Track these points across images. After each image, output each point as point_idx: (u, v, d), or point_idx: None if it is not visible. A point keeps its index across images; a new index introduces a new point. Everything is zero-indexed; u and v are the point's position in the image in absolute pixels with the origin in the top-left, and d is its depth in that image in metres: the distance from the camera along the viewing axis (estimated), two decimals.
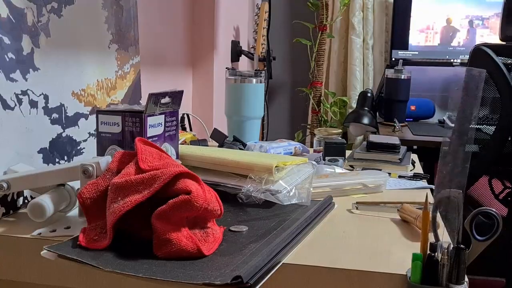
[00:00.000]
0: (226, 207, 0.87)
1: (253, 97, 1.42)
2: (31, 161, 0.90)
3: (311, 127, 2.74)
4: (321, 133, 1.38)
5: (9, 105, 0.86)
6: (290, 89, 3.02)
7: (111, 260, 0.67)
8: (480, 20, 2.46)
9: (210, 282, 0.60)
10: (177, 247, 0.67)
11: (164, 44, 1.87)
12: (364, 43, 2.65)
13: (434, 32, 2.52)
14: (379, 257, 0.69)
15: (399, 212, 0.86)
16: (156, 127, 0.91)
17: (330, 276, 0.66)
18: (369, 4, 2.63)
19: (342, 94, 2.72)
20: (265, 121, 2.53)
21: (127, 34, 1.24)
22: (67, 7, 1.01)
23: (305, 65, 2.79)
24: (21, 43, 0.89)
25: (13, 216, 0.85)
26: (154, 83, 1.74)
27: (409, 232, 0.80)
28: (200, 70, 2.14)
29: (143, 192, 0.70)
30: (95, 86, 1.10)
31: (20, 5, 0.89)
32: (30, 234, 0.75)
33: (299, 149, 1.34)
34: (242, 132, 1.42)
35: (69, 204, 0.84)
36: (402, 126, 2.24)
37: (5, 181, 0.81)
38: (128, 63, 1.24)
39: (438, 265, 0.60)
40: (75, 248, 0.70)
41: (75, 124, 1.03)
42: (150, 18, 1.72)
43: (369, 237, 0.77)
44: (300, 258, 0.68)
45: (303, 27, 2.66)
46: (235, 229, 0.78)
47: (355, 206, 0.91)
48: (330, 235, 0.78)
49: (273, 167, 0.89)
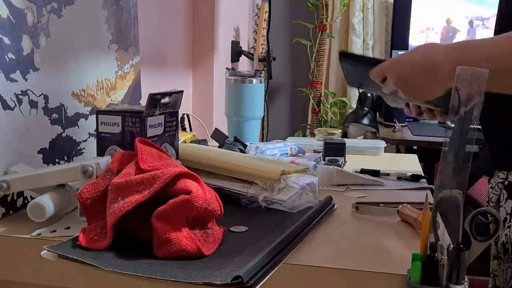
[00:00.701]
0: (226, 207, 0.87)
1: (253, 98, 1.42)
2: (31, 161, 0.90)
3: (311, 128, 2.74)
4: (321, 133, 1.38)
5: (9, 105, 0.86)
6: (290, 89, 3.02)
7: (111, 260, 0.67)
8: (480, 20, 2.47)
9: (210, 282, 0.60)
10: (177, 247, 0.67)
11: (164, 44, 1.86)
12: (364, 43, 2.65)
13: (434, 32, 2.52)
14: (379, 257, 0.69)
15: (399, 213, 0.86)
16: (156, 128, 0.91)
17: (330, 276, 0.66)
18: (369, 4, 2.63)
19: (342, 94, 2.72)
20: (265, 122, 2.53)
21: (127, 34, 1.24)
22: (67, 7, 1.01)
23: (305, 65, 2.79)
24: (21, 44, 0.89)
25: (13, 217, 0.85)
26: (154, 83, 1.74)
27: (409, 233, 0.80)
28: (200, 70, 2.14)
29: (143, 192, 0.70)
30: (95, 86, 1.10)
31: (20, 6, 0.89)
32: (30, 235, 0.75)
33: (294, 150, 1.34)
34: (242, 132, 1.42)
35: (69, 204, 0.83)
36: (402, 126, 2.24)
37: (5, 181, 0.81)
38: (128, 63, 1.24)
39: (438, 265, 0.60)
40: (75, 248, 0.70)
41: (75, 125, 1.03)
42: (150, 18, 1.72)
43: (369, 237, 0.77)
44: (300, 258, 0.68)
45: (303, 28, 2.66)
46: (235, 230, 0.78)
47: (355, 207, 0.91)
48: (330, 235, 0.78)
49: (279, 175, 0.89)
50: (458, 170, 0.60)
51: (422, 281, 0.60)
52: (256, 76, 1.42)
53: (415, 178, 1.13)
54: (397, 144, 2.25)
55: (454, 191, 0.61)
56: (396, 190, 1.06)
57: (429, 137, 2.05)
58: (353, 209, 0.91)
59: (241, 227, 0.79)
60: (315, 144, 1.37)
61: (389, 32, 2.62)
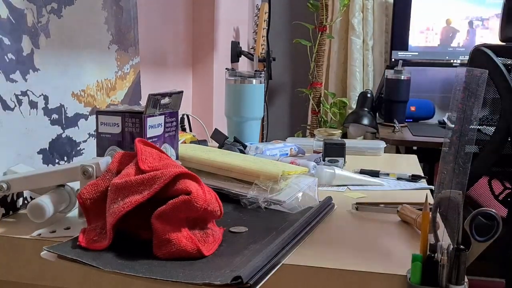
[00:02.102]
0: (226, 208, 0.87)
1: (253, 98, 1.41)
2: (31, 162, 0.90)
3: (311, 128, 2.74)
4: (321, 134, 1.38)
5: (9, 105, 0.86)
6: (290, 89, 3.02)
7: (111, 260, 0.67)
8: (480, 20, 2.47)
9: (210, 282, 0.60)
10: (177, 247, 0.67)
11: (164, 44, 1.87)
12: (364, 43, 2.65)
13: (434, 33, 2.52)
14: (379, 257, 0.69)
15: (399, 213, 0.86)
16: (156, 128, 0.91)
17: (330, 276, 0.66)
18: (369, 5, 2.63)
19: (342, 95, 2.72)
20: (265, 122, 2.53)
21: (127, 34, 1.24)
22: (67, 7, 1.01)
23: (305, 65, 2.79)
24: (21, 44, 0.89)
25: (13, 217, 0.85)
26: (154, 83, 1.74)
27: (409, 233, 0.80)
28: (200, 70, 2.14)
29: (143, 192, 0.70)
30: (95, 86, 1.10)
31: (20, 6, 0.89)
32: (30, 235, 0.75)
33: (294, 150, 1.34)
34: (242, 132, 1.42)
35: (69, 204, 0.83)
36: (402, 126, 2.24)
37: (5, 181, 0.81)
38: (128, 64, 1.24)
39: (438, 266, 0.60)
40: (74, 248, 0.70)
41: (75, 125, 1.03)
42: (150, 19, 1.72)
43: (369, 238, 0.77)
44: (300, 259, 0.68)
45: (303, 28, 2.66)
46: (235, 230, 0.78)
47: (355, 207, 0.91)
48: (330, 235, 0.78)
49: (279, 176, 0.89)
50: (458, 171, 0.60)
51: (422, 281, 0.60)
52: (256, 77, 1.42)
53: (415, 178, 1.13)
54: (397, 144, 2.25)
55: (453, 191, 0.61)
56: (396, 191, 1.06)
57: (429, 138, 2.05)
58: (353, 209, 0.91)
59: (241, 227, 0.79)
60: (315, 145, 1.37)
61: (389, 32, 2.62)
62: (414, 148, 2.20)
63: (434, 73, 2.71)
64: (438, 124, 2.38)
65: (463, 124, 0.60)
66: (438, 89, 2.73)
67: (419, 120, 2.47)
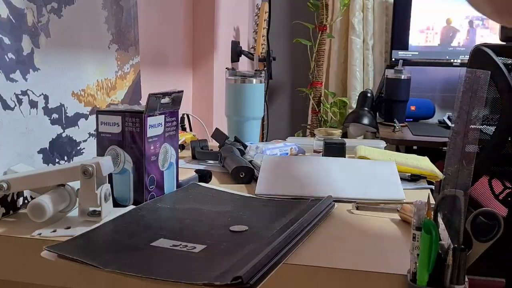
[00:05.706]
0: (226, 206, 0.87)
1: (253, 98, 1.41)
2: (31, 161, 0.90)
3: (311, 128, 2.74)
4: (321, 133, 1.38)
5: (9, 105, 0.86)
6: (290, 89, 3.02)
7: (111, 260, 0.67)
8: (480, 20, 2.46)
9: (210, 282, 0.60)
10: None
11: (164, 44, 1.86)
12: (364, 43, 2.65)
13: (434, 32, 2.51)
14: (379, 257, 0.69)
15: (399, 213, 0.86)
16: (156, 127, 0.90)
17: (330, 276, 0.65)
18: (369, 4, 2.63)
19: (342, 94, 2.72)
20: (265, 121, 2.53)
21: (127, 34, 1.24)
22: (67, 7, 1.01)
23: (305, 65, 2.79)
24: (21, 44, 0.89)
25: (13, 217, 0.85)
26: (154, 83, 1.73)
27: (409, 233, 0.80)
28: (200, 70, 2.14)
29: None
30: (95, 86, 1.10)
31: (20, 6, 0.89)
32: (30, 235, 0.75)
33: (294, 150, 1.34)
34: (242, 132, 1.42)
35: (69, 204, 0.83)
36: (402, 126, 2.24)
37: (5, 181, 0.81)
38: (128, 63, 1.24)
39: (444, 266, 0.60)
40: (75, 248, 0.70)
41: (75, 124, 1.02)
42: (150, 18, 1.72)
43: (369, 238, 0.77)
44: (300, 258, 0.68)
45: (303, 28, 2.66)
46: (235, 229, 0.78)
47: (355, 206, 0.91)
48: (330, 235, 0.78)
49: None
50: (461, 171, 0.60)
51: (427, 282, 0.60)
52: (256, 76, 1.42)
53: (415, 178, 1.13)
54: (397, 144, 2.25)
55: (456, 191, 0.60)
56: None
57: (429, 137, 2.05)
58: (353, 209, 0.91)
59: (241, 226, 0.79)
60: (315, 144, 1.37)
61: (389, 32, 2.62)
62: (414, 148, 2.20)
63: (434, 72, 2.71)
64: (438, 123, 2.38)
65: (467, 126, 0.60)
66: (438, 88, 2.73)
67: (419, 119, 2.47)
